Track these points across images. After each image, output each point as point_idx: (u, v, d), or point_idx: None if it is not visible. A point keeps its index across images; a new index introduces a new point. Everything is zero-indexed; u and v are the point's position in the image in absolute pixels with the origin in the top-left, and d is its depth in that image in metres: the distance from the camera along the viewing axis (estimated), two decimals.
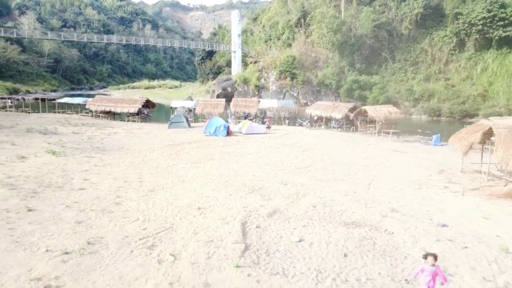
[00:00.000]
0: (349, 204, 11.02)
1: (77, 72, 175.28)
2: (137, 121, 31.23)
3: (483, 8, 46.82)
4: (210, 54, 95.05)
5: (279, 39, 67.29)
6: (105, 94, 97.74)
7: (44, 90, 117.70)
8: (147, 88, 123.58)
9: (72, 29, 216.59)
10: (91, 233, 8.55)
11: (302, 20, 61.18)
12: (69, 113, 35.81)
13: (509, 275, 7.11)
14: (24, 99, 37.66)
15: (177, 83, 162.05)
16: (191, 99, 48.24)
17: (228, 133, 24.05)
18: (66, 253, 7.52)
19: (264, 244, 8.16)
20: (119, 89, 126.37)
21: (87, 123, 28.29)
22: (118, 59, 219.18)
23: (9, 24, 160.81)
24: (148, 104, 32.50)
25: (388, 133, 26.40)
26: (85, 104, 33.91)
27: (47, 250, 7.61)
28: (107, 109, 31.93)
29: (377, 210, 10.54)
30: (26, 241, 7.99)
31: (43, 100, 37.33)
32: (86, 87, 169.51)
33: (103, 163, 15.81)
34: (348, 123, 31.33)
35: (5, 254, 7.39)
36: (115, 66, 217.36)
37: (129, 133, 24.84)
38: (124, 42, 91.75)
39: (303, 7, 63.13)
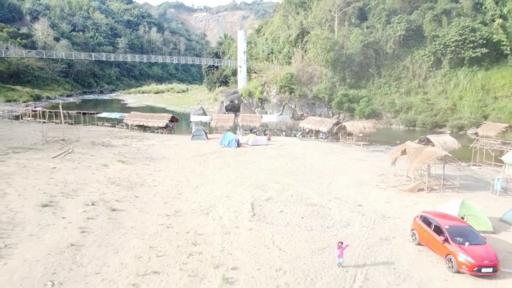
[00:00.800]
0: (312, 194, 19.38)
1: (88, 75, 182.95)
2: (165, 133, 39.68)
3: (456, 32, 54.89)
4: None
5: (280, 52, 75.48)
6: (120, 100, 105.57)
7: (60, 95, 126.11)
8: (157, 92, 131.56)
9: (81, 33, 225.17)
10: (174, 207, 16.97)
11: (300, 37, 69.50)
12: (105, 125, 44.42)
13: (376, 225, 15.42)
14: (68, 113, 46.18)
15: (183, 86, 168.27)
16: (204, 111, 56.46)
17: (238, 145, 32.44)
18: (167, 215, 15.96)
19: (263, 213, 16.55)
20: (129, 93, 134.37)
21: (128, 135, 36.85)
22: (126, 62, 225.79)
23: (24, 30, 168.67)
24: (172, 119, 40.94)
25: (360, 144, 34.73)
26: (121, 119, 42.52)
27: (158, 214, 16.05)
28: (141, 123, 40.54)
29: (327, 198, 18.89)
30: (145, 210, 16.44)
31: (84, 113, 45.98)
32: (97, 90, 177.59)
33: (158, 169, 24.23)
34: (333, 135, 39.65)
35: (139, 216, 15.82)
36: (123, 69, 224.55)
37: (163, 144, 33.30)
38: (145, 60, 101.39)
39: (301, 25, 71.41)
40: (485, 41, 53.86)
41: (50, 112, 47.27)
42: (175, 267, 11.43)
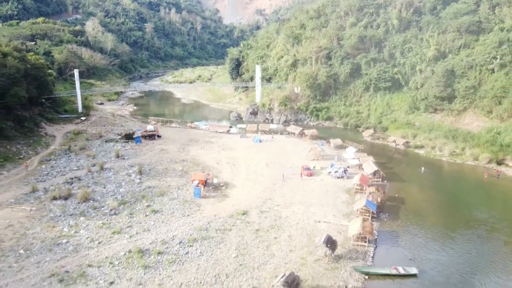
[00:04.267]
0: (281, 161, 75.99)
1: (128, 62, 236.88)
2: (226, 133, 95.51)
3: (376, 72, 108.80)
4: (238, 65, 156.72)
5: (282, 71, 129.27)
6: (172, 94, 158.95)
7: (124, 85, 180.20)
8: (190, 82, 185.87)
9: (113, 19, 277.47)
10: (247, 164, 73.94)
11: (293, 63, 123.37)
12: (194, 128, 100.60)
13: (294, 169, 71.97)
14: (180, 121, 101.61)
15: (207, 73, 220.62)
16: (238, 115, 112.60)
17: (260, 141, 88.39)
18: (246, 165, 72.85)
19: (269, 165, 73.25)
20: (170, 83, 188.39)
21: (213, 136, 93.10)
22: (153, 45, 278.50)
23: (78, 27, 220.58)
24: (229, 127, 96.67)
25: (309, 138, 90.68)
26: (206, 128, 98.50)
27: (244, 165, 72.98)
28: (216, 129, 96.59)
29: (286, 162, 75.37)
30: (240, 165, 73.45)
31: (185, 122, 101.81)
32: (136, 75, 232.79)
33: (235, 153, 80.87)
34: (300, 135, 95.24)
35: (239, 167, 72.78)
36: (151, 52, 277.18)
37: (230, 141, 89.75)
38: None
39: (294, 56, 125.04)
40: (390, 78, 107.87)
41: (165, 119, 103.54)
42: (255, 174, 68.14)
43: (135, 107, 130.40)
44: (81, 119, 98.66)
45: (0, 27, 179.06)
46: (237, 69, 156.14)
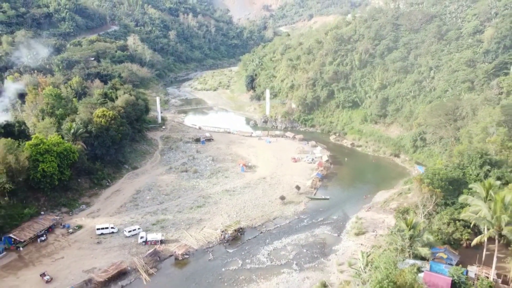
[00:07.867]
0: (281, 155, 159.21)
1: (160, 69, 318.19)
2: (248, 137, 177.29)
3: (343, 96, 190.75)
4: (252, 80, 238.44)
5: (284, 90, 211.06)
6: (205, 103, 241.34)
7: (165, 94, 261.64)
8: (215, 90, 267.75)
9: (142, 27, 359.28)
10: (264, 155, 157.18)
11: (292, 86, 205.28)
12: (229, 133, 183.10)
13: (286, 158, 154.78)
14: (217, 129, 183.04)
15: (225, 78, 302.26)
16: (255, 122, 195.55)
17: (270, 142, 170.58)
18: (263, 157, 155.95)
19: (275, 157, 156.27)
20: (199, 90, 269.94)
21: (243, 138, 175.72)
22: (176, 50, 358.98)
23: (122, 42, 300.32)
24: (252, 132, 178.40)
25: (298, 140, 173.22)
26: (236, 133, 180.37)
27: (261, 158, 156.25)
28: (243, 134, 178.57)
29: (283, 156, 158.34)
30: (261, 156, 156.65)
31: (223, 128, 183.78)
32: (168, 80, 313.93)
33: (256, 149, 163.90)
34: (293, 138, 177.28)
35: (257, 157, 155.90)
36: (175, 56, 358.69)
37: (253, 141, 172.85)
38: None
39: (292, 81, 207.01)
40: (352, 100, 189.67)
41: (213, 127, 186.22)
42: (268, 161, 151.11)
43: (184, 114, 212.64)
44: (163, 128, 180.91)
45: (68, 47, 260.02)
46: (251, 83, 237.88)
